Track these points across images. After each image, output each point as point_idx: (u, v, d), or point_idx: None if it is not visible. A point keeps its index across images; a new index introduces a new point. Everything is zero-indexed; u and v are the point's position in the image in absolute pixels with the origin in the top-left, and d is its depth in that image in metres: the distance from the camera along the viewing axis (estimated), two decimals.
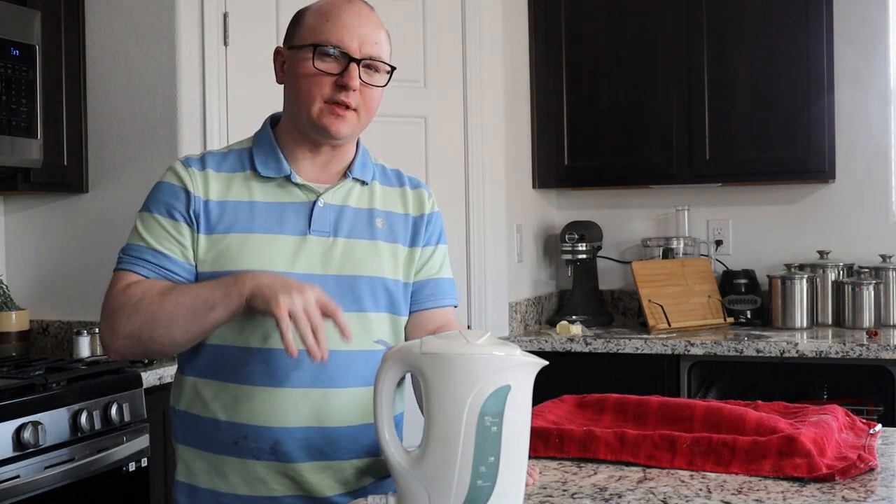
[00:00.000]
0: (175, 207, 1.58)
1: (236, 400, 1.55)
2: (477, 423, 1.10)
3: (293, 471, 1.55)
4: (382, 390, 1.17)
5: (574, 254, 3.74)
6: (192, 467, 1.61)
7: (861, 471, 1.40)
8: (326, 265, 1.58)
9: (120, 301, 1.54)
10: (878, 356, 3.02)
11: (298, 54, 1.58)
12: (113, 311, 1.54)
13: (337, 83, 1.56)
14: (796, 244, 3.74)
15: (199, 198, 1.58)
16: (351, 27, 1.57)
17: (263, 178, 1.61)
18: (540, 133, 3.79)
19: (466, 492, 1.11)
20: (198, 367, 1.60)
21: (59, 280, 3.08)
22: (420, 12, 3.28)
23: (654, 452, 1.49)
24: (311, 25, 1.59)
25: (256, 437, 1.54)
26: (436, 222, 1.74)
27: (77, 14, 2.99)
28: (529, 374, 1.14)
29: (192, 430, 1.61)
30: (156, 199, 1.62)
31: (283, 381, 1.54)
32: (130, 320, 1.51)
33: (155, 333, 1.50)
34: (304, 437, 1.54)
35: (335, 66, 1.56)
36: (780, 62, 3.46)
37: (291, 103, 1.62)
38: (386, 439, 1.17)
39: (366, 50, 1.57)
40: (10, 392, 2.25)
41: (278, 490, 1.55)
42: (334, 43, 1.55)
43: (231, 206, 1.58)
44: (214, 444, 1.57)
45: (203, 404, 1.59)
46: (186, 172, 1.60)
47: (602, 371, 3.29)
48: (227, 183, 1.60)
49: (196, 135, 2.91)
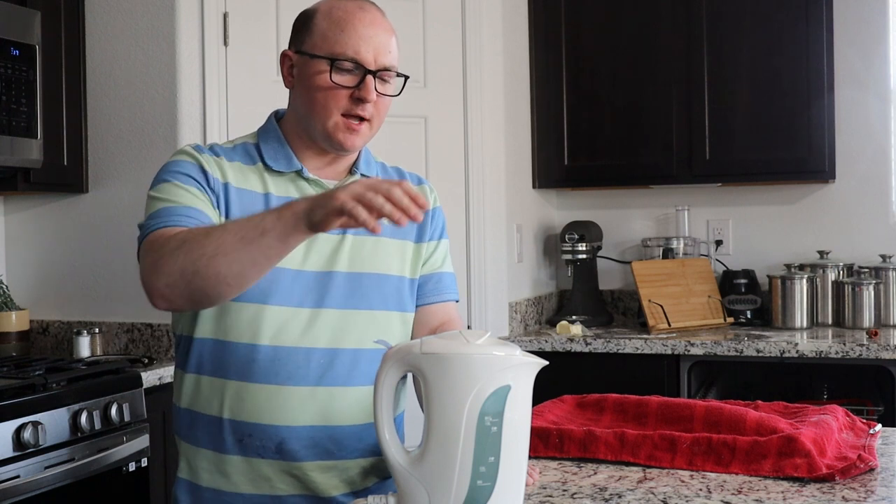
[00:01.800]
0: (195, 178, 1.53)
1: (241, 398, 1.53)
2: (477, 423, 1.10)
3: (298, 470, 1.54)
4: (382, 390, 1.17)
5: (574, 254, 3.74)
6: (194, 465, 1.59)
7: (861, 471, 1.40)
8: (335, 262, 1.57)
9: (160, 243, 1.40)
10: (878, 356, 3.02)
11: (312, 64, 1.56)
12: (154, 253, 1.40)
13: (353, 96, 1.54)
14: (796, 244, 3.74)
15: (217, 179, 1.55)
16: (366, 38, 1.54)
17: (274, 172, 1.59)
18: (540, 133, 3.79)
19: (466, 492, 1.11)
20: (201, 363, 1.57)
21: (59, 280, 3.08)
22: (420, 12, 3.28)
23: (654, 452, 1.49)
24: (325, 34, 1.55)
25: (261, 435, 1.53)
26: (438, 217, 1.74)
27: (77, 14, 2.99)
28: (529, 374, 1.14)
29: (195, 428, 1.59)
30: (171, 171, 1.54)
31: (289, 380, 1.52)
32: (174, 257, 1.36)
33: (199, 265, 1.33)
34: (310, 437, 1.53)
35: (351, 79, 1.54)
36: (780, 62, 3.46)
37: (304, 112, 1.60)
38: (386, 439, 1.17)
39: (381, 60, 1.56)
40: (10, 392, 2.25)
41: (283, 489, 1.54)
42: (351, 56, 1.53)
43: (248, 195, 1.56)
44: (218, 442, 1.56)
45: (206, 402, 1.57)
46: (200, 155, 1.56)
47: (602, 371, 3.29)
48: (241, 172, 1.58)
49: (196, 135, 2.91)
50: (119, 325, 2.97)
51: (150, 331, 2.93)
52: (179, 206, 1.48)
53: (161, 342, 2.92)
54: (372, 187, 1.24)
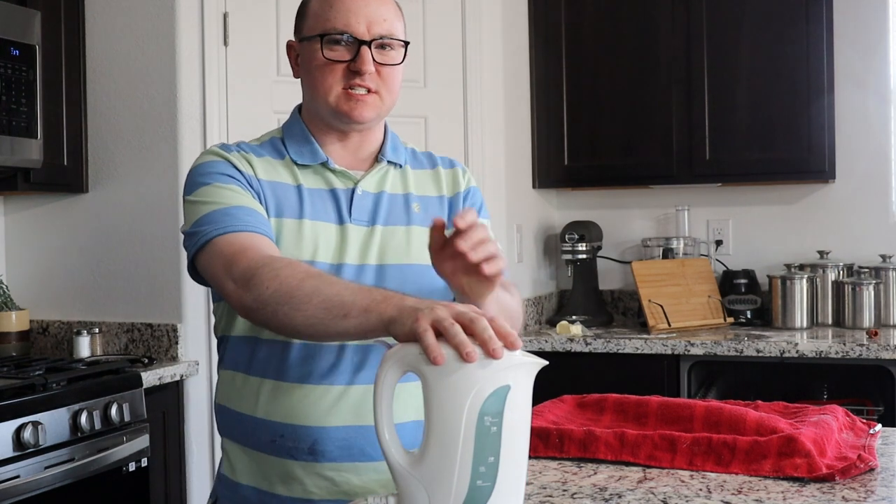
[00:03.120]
0: (232, 175, 1.50)
1: (274, 397, 1.50)
2: (476, 423, 1.09)
3: (333, 471, 1.49)
4: (382, 390, 1.17)
5: (574, 254, 3.74)
6: (234, 463, 1.57)
7: (861, 471, 1.40)
8: (365, 255, 1.54)
9: (259, 260, 1.36)
10: (878, 356, 3.02)
11: (308, 46, 1.55)
12: (249, 269, 1.36)
13: (350, 69, 1.52)
14: (796, 244, 3.74)
15: (251, 175, 1.52)
16: (355, 9, 1.52)
17: (301, 165, 1.58)
18: (540, 133, 3.79)
19: (466, 492, 1.11)
20: (237, 361, 1.56)
21: (59, 280, 3.08)
22: (420, 12, 3.28)
23: (654, 452, 1.49)
24: (316, 13, 1.55)
25: (294, 436, 1.49)
26: (474, 196, 1.69)
27: (77, 14, 2.99)
28: (529, 374, 1.14)
29: (232, 426, 1.57)
30: (205, 172, 1.51)
31: (323, 379, 1.49)
32: (266, 284, 1.33)
33: (281, 311, 1.31)
34: (344, 437, 1.49)
35: (346, 52, 1.53)
36: (780, 62, 3.46)
37: (310, 96, 1.59)
38: (386, 439, 1.17)
39: (375, 30, 1.53)
40: (10, 392, 2.25)
41: (316, 493, 1.50)
42: (341, 29, 1.52)
43: (281, 188, 1.54)
44: (253, 440, 1.53)
45: (242, 400, 1.54)
46: (227, 153, 1.54)
47: (602, 371, 3.29)
48: (270, 166, 1.56)
49: (196, 135, 2.91)
50: (119, 325, 2.97)
51: (150, 331, 2.93)
52: (229, 207, 1.45)
53: (161, 342, 2.92)
54: (457, 316, 1.12)
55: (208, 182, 1.49)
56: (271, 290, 1.32)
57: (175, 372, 2.79)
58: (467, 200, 1.68)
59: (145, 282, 2.93)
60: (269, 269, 1.34)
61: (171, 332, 2.89)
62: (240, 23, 2.99)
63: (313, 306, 1.28)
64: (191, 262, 1.50)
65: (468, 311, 1.12)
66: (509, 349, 1.10)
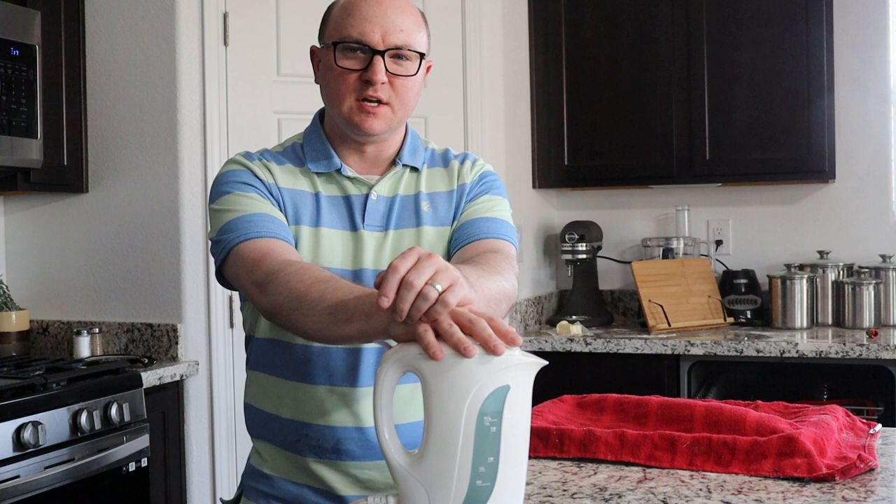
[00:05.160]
0: (252, 184, 1.54)
1: (297, 398, 1.53)
2: (476, 423, 1.09)
3: (357, 469, 1.52)
4: (382, 390, 1.17)
5: (574, 254, 3.74)
6: (263, 456, 1.61)
7: (861, 471, 1.40)
8: (380, 260, 1.55)
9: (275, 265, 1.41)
10: (878, 356, 3.02)
11: (326, 53, 1.56)
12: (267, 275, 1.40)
13: (362, 79, 1.52)
14: (796, 244, 3.74)
15: (272, 183, 1.55)
16: (372, 18, 1.52)
17: (318, 173, 1.59)
18: (540, 133, 3.79)
19: (466, 492, 1.11)
20: (261, 362, 1.59)
21: (59, 280, 3.08)
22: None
23: (654, 452, 1.49)
24: (336, 20, 1.55)
25: (317, 436, 1.52)
26: (479, 180, 1.67)
27: (77, 14, 2.99)
28: (529, 374, 1.14)
29: (260, 424, 1.60)
30: (228, 181, 1.55)
31: (345, 380, 1.51)
32: (279, 289, 1.37)
33: (293, 315, 1.35)
34: (367, 437, 1.51)
35: (359, 61, 1.52)
36: (780, 62, 3.46)
37: (327, 103, 1.60)
38: (386, 439, 1.17)
39: (390, 40, 1.51)
40: (10, 392, 2.25)
41: (341, 489, 1.53)
42: (355, 38, 1.51)
43: (300, 195, 1.56)
44: (279, 439, 1.57)
45: (267, 400, 1.58)
46: (249, 162, 1.57)
47: (602, 371, 3.29)
48: (290, 174, 1.58)
49: (196, 135, 2.91)
50: (119, 325, 2.97)
51: (150, 331, 2.93)
52: (250, 214, 1.49)
53: (161, 342, 2.92)
54: (455, 315, 1.13)
55: (230, 191, 1.53)
56: (284, 296, 1.36)
57: (175, 372, 2.79)
58: (474, 185, 1.66)
59: (145, 282, 2.94)
60: (283, 275, 1.38)
61: (171, 332, 2.89)
62: (240, 23, 2.99)
63: (319, 311, 1.31)
64: (218, 269, 1.54)
65: (466, 312, 1.14)
66: (510, 346, 1.10)
